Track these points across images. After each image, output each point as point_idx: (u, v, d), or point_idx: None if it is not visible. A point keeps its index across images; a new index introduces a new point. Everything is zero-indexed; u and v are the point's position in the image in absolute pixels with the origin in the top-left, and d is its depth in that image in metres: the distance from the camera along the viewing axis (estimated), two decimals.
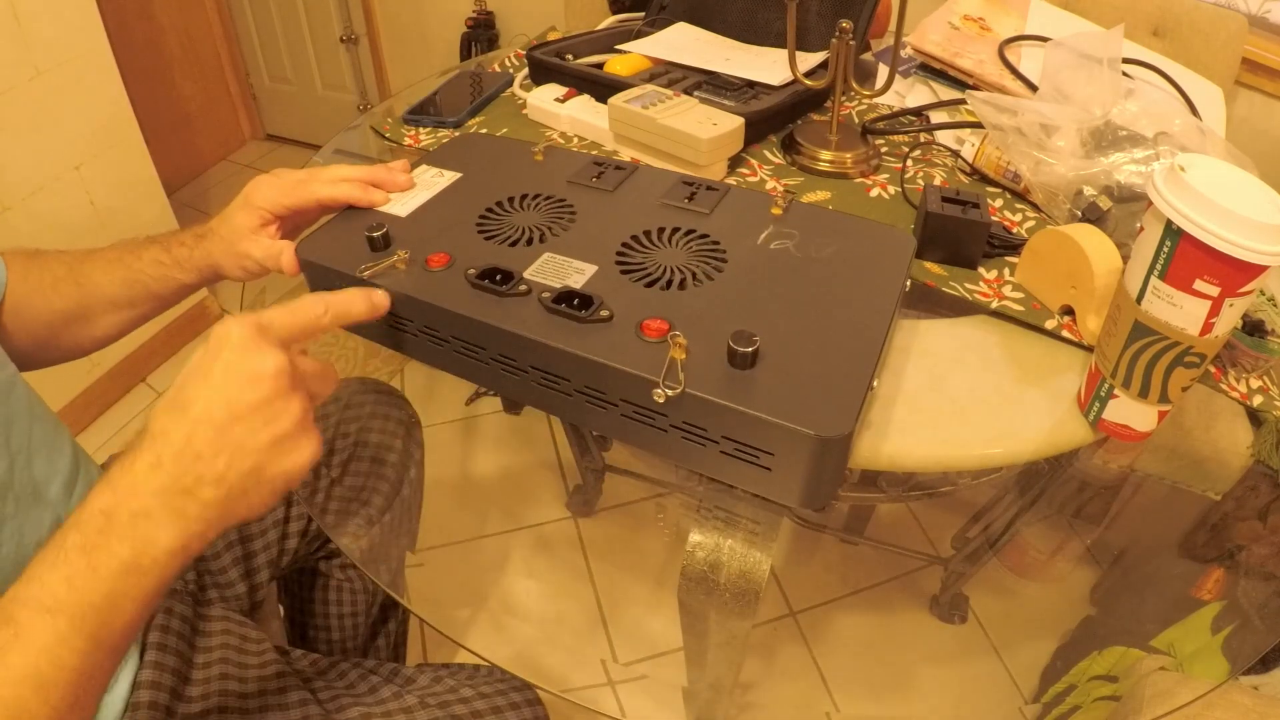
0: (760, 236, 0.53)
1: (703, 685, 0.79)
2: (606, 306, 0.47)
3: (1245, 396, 0.58)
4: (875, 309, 0.47)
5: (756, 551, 0.61)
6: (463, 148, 0.65)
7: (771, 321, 0.46)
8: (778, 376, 0.43)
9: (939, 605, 1.28)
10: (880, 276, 0.50)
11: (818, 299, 0.48)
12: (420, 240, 0.53)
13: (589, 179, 0.59)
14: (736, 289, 0.49)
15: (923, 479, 0.84)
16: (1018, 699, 1.18)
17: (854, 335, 0.46)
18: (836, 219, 0.55)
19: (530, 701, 0.64)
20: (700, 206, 0.55)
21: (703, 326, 0.46)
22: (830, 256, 0.51)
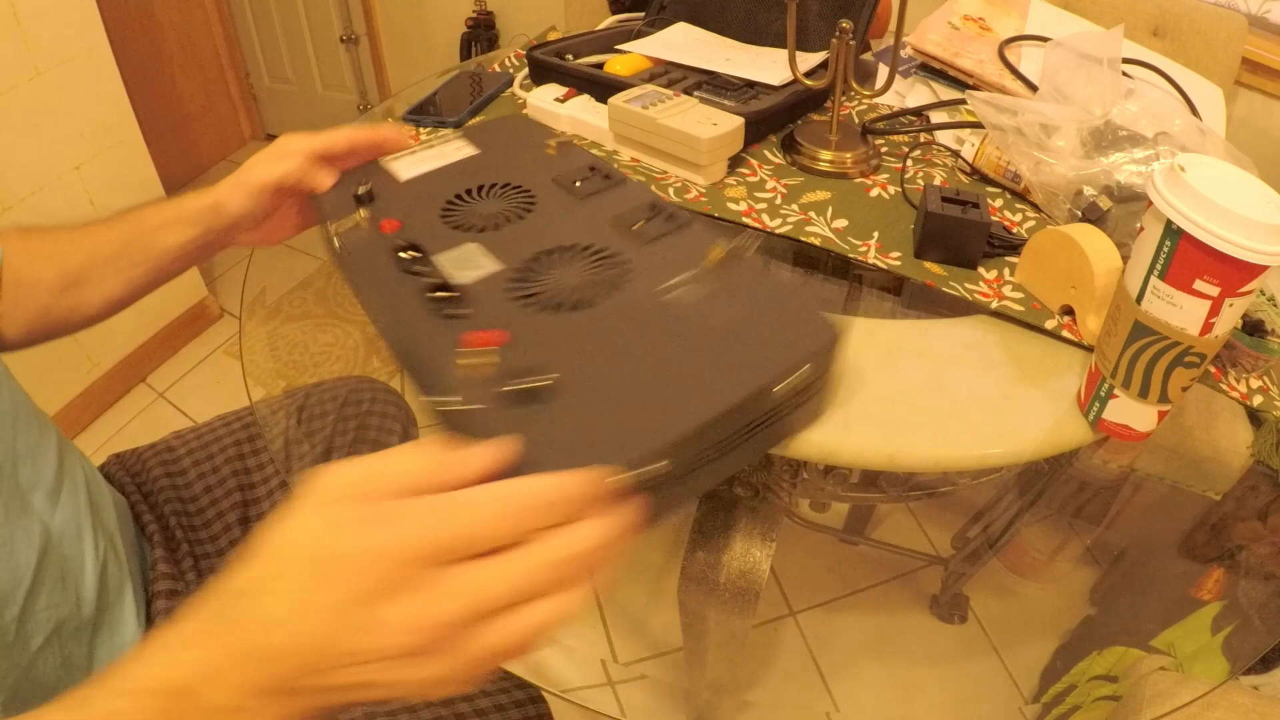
0: (670, 280, 0.47)
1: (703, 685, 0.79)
2: (469, 306, 0.45)
3: (1245, 396, 0.58)
4: (720, 392, 0.40)
5: (756, 551, 0.62)
6: (498, 129, 0.64)
7: (597, 367, 0.41)
8: (554, 419, 0.38)
9: (939, 605, 1.28)
10: (761, 363, 0.42)
11: (673, 360, 0.42)
12: (395, 204, 0.54)
13: (571, 182, 0.58)
14: (600, 325, 0.45)
15: (923, 479, 0.83)
16: (1018, 699, 1.18)
17: (667, 410, 0.39)
18: (766, 288, 0.47)
19: (534, 699, 0.64)
20: (646, 233, 0.51)
21: (533, 353, 0.41)
22: (723, 325, 0.45)
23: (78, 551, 0.54)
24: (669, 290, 0.47)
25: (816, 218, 0.70)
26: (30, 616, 0.50)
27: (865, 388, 0.55)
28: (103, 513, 0.59)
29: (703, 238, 0.51)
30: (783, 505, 0.65)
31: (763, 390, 0.40)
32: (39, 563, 0.50)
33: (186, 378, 1.73)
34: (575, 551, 0.30)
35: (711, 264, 0.48)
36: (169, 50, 2.20)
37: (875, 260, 0.66)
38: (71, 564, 0.53)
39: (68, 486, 0.55)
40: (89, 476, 0.59)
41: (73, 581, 0.53)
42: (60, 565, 0.52)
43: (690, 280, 0.48)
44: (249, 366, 0.75)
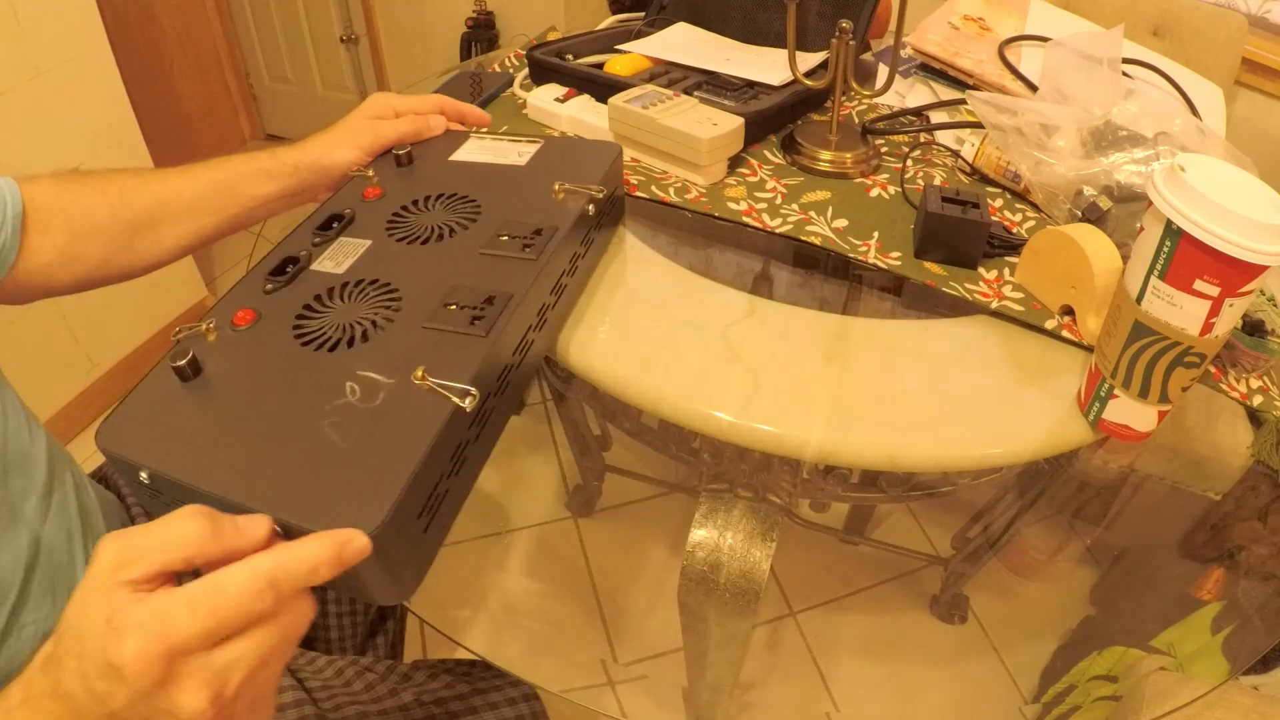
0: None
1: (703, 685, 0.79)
2: (306, 283, 0.50)
3: (1245, 396, 0.58)
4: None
5: (756, 551, 0.61)
6: (568, 149, 0.68)
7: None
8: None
9: (939, 605, 1.28)
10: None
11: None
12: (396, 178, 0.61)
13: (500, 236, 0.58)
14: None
15: (923, 479, 0.83)
16: (1018, 699, 1.18)
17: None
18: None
19: (527, 696, 0.64)
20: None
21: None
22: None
23: (68, 560, 0.53)
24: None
25: (816, 217, 0.70)
26: (16, 630, 0.49)
27: (865, 388, 0.55)
28: (94, 520, 0.58)
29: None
30: (783, 505, 0.65)
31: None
32: (26, 574, 0.49)
33: None
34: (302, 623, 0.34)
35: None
36: (169, 50, 2.20)
37: (875, 260, 0.66)
38: (62, 574, 0.52)
39: (58, 494, 0.54)
40: (79, 483, 0.58)
41: (64, 592, 0.52)
42: (50, 576, 0.51)
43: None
44: None
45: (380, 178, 0.60)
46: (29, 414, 0.55)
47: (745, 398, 0.53)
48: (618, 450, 1.42)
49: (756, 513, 0.63)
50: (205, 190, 0.60)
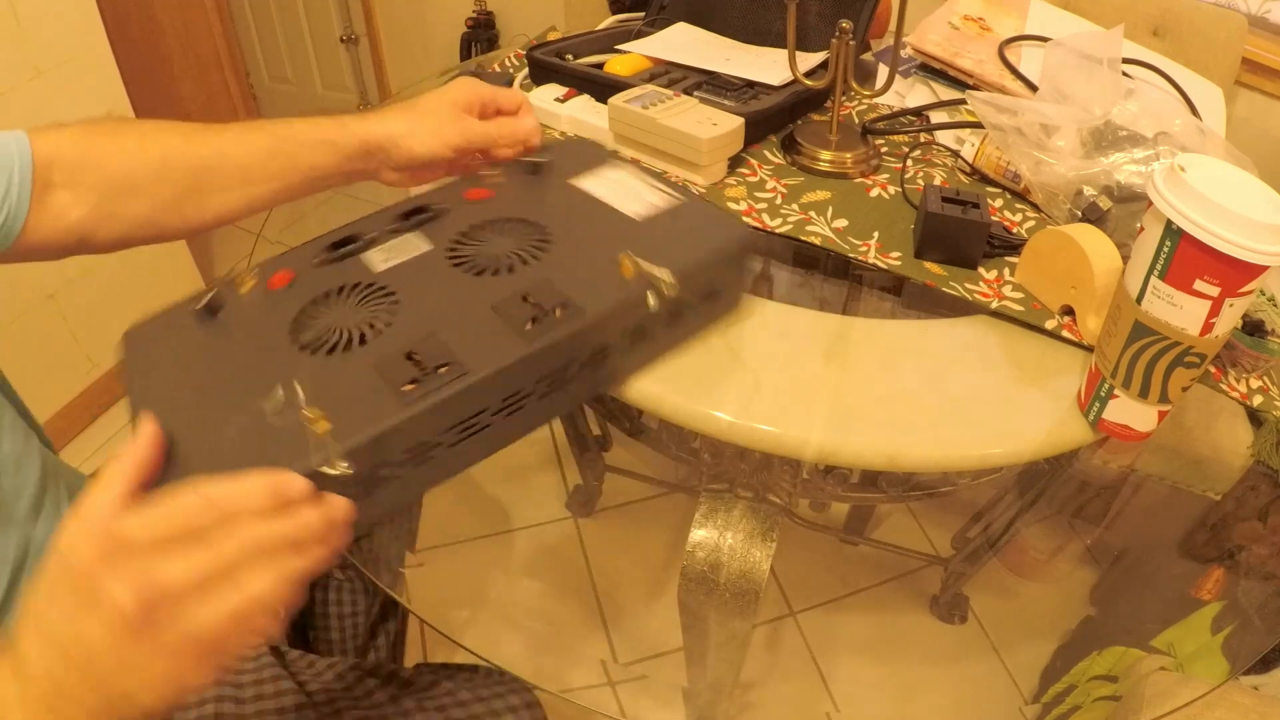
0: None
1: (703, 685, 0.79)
2: (346, 269, 0.50)
3: (1245, 396, 0.58)
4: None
5: (756, 551, 0.61)
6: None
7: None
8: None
9: (939, 605, 1.28)
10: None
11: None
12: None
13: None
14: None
15: (923, 479, 0.83)
16: (1018, 699, 1.18)
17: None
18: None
19: (529, 704, 0.64)
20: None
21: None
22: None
23: None
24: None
25: (817, 217, 0.70)
26: (3, 633, 0.49)
27: (865, 388, 0.55)
28: None
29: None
30: (783, 505, 0.65)
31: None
32: (14, 574, 0.49)
33: None
34: (271, 538, 0.34)
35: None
36: (169, 50, 2.20)
37: (875, 260, 0.66)
38: None
39: (50, 497, 0.54)
40: (72, 488, 0.58)
41: None
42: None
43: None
44: None
45: (499, 182, 0.58)
46: (25, 416, 0.55)
47: (745, 398, 0.53)
48: (618, 450, 1.42)
49: (756, 513, 0.63)
50: (261, 157, 0.55)
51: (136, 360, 0.46)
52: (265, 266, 0.50)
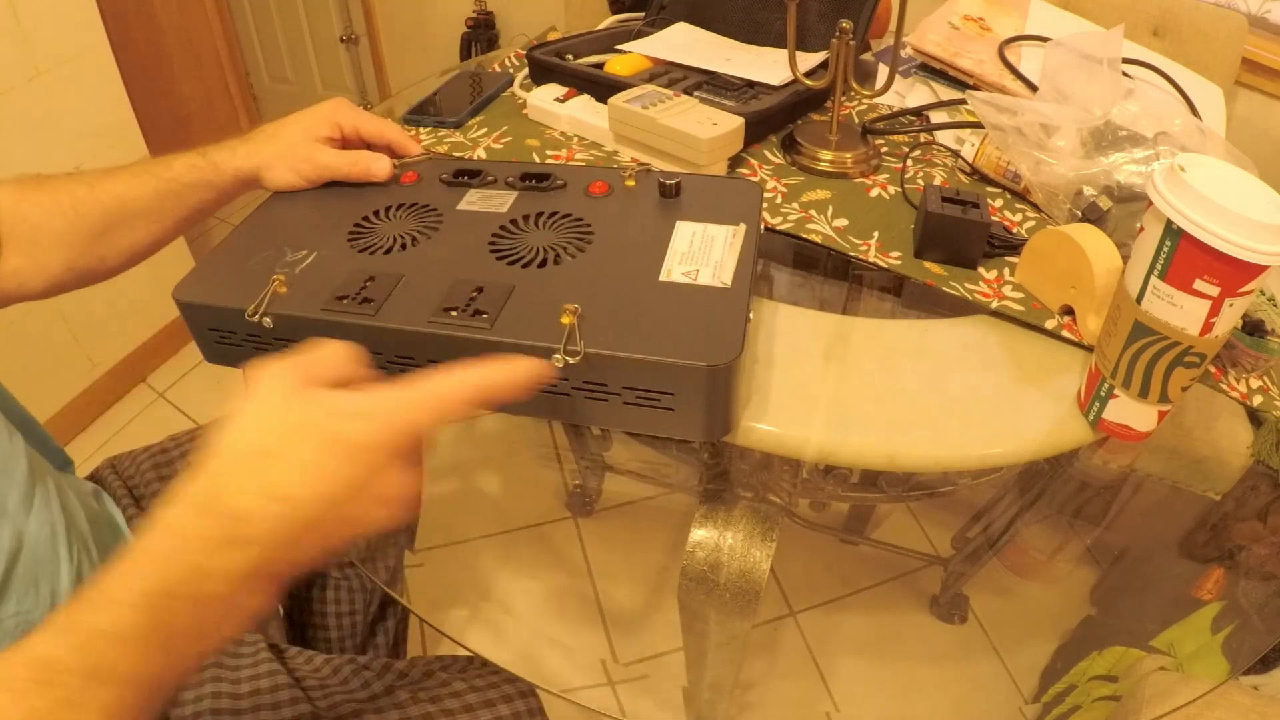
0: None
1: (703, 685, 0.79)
2: (440, 196, 0.59)
3: (1245, 396, 0.58)
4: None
5: (756, 551, 0.61)
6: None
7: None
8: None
9: (939, 605, 1.28)
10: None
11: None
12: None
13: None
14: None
15: (923, 479, 0.83)
16: (1018, 699, 1.18)
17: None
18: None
19: (523, 693, 0.64)
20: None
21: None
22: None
23: (51, 555, 0.53)
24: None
25: (817, 216, 0.70)
26: None
27: (865, 388, 0.55)
28: (77, 519, 0.58)
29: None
30: (783, 505, 0.65)
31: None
32: (8, 566, 0.50)
33: (186, 378, 1.73)
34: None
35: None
36: (169, 50, 2.20)
37: (875, 260, 0.66)
38: (45, 568, 0.53)
39: (40, 492, 0.54)
40: (59, 485, 0.58)
41: (47, 586, 0.52)
42: (34, 570, 0.52)
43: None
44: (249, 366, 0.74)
45: (626, 186, 0.60)
46: (11, 416, 0.55)
47: (745, 398, 0.53)
48: (618, 450, 1.42)
49: (756, 513, 0.63)
50: (152, 201, 0.61)
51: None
52: (407, 164, 0.64)
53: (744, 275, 0.50)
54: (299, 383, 0.35)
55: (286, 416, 0.34)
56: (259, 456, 0.34)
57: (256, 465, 0.34)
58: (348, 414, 0.34)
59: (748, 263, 0.52)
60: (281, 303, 0.50)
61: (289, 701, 0.58)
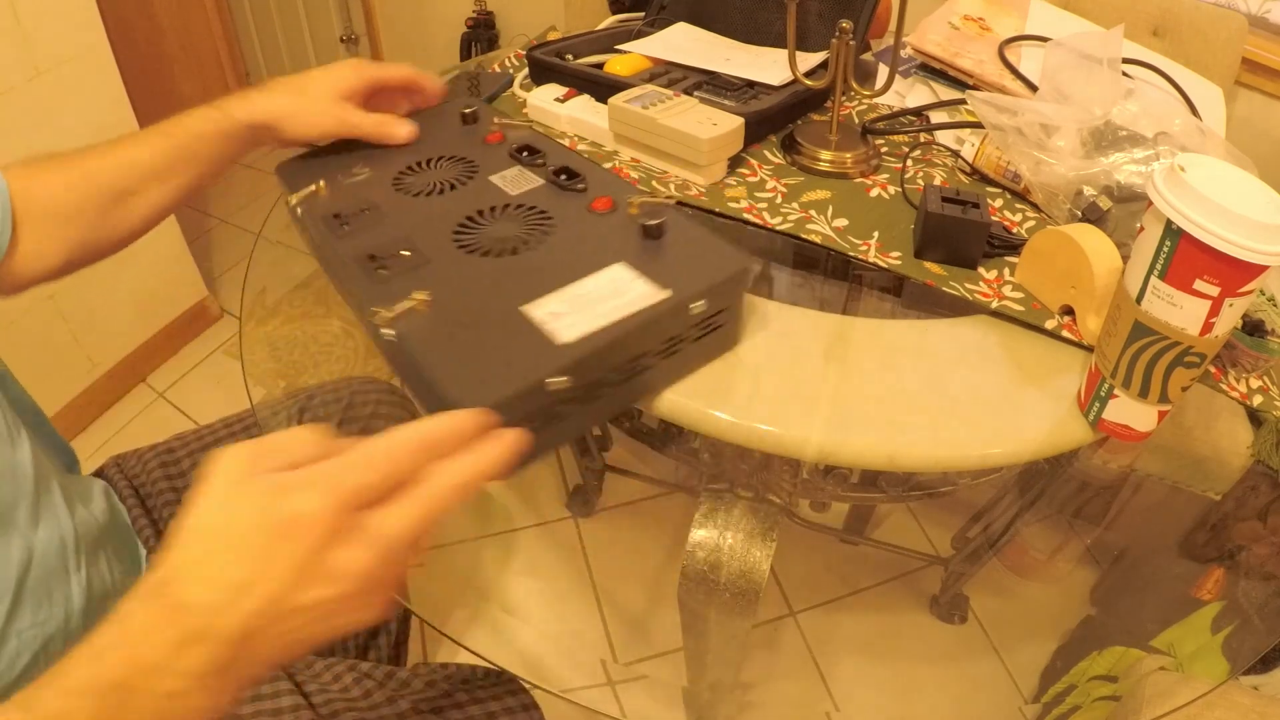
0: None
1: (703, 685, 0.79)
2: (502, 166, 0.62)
3: (1245, 396, 0.58)
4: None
5: (756, 551, 0.62)
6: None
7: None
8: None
9: (939, 605, 1.28)
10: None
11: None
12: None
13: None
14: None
15: (923, 479, 0.83)
16: (1018, 699, 1.18)
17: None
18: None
19: (525, 706, 0.64)
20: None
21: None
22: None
23: (61, 566, 0.53)
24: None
25: (817, 216, 0.70)
26: (14, 636, 0.49)
27: (865, 388, 0.55)
28: (86, 525, 0.58)
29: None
30: (783, 505, 0.65)
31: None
32: (20, 580, 0.49)
33: (187, 378, 1.73)
34: (462, 478, 0.35)
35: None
36: (169, 50, 2.21)
37: (875, 260, 0.66)
38: (56, 579, 0.52)
39: (46, 502, 0.54)
40: (65, 490, 0.58)
41: (60, 597, 0.52)
42: (45, 581, 0.51)
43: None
44: (249, 366, 0.75)
45: (646, 211, 0.57)
46: (12, 422, 0.54)
47: (745, 398, 0.53)
48: (618, 450, 1.42)
49: (756, 513, 0.63)
50: (165, 158, 0.60)
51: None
52: (503, 124, 0.67)
53: (596, 341, 0.45)
54: (248, 469, 0.33)
55: (233, 502, 0.33)
56: (208, 545, 0.32)
57: (206, 554, 0.32)
58: (288, 488, 0.32)
59: (621, 332, 0.46)
60: (312, 203, 0.58)
61: (290, 709, 0.58)
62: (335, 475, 0.33)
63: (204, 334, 1.82)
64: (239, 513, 0.32)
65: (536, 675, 0.62)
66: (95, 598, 0.55)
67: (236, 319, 1.85)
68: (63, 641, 0.52)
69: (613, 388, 0.49)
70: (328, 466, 0.33)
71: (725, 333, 0.55)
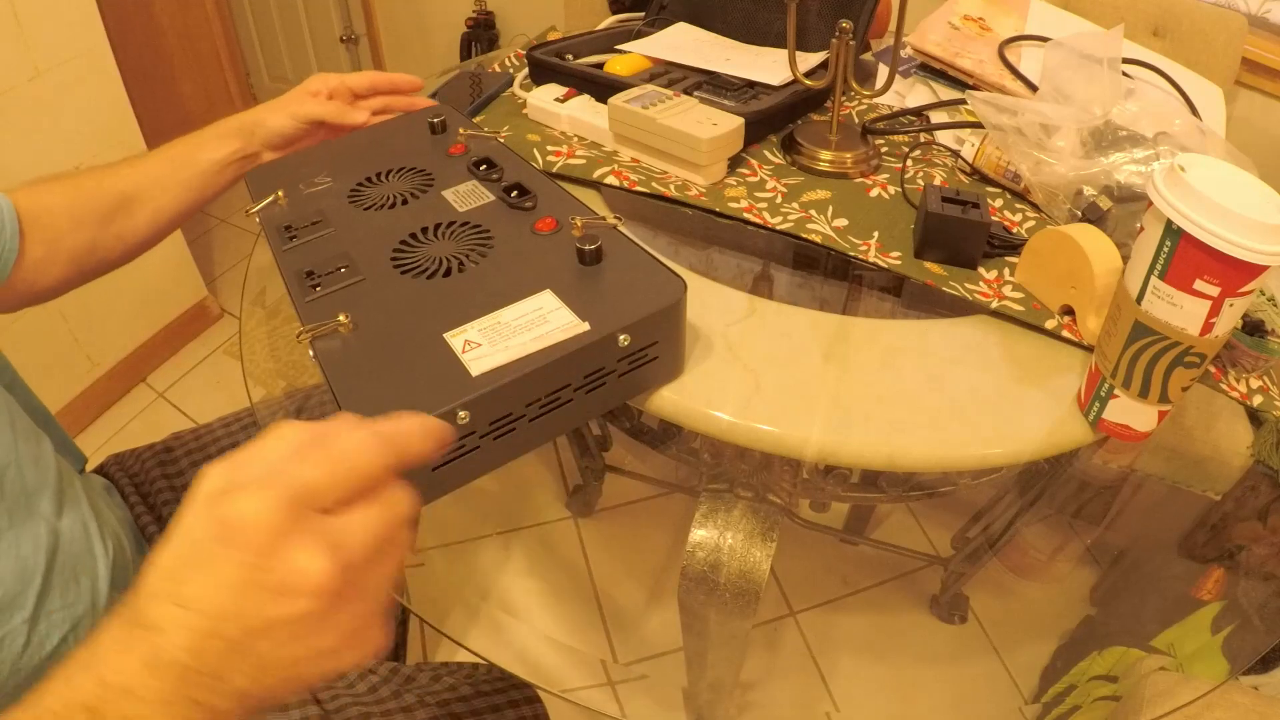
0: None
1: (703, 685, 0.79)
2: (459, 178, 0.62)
3: (1245, 396, 0.58)
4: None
5: (756, 551, 0.62)
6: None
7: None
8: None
9: (939, 605, 1.28)
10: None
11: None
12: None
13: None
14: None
15: (923, 479, 0.83)
16: (1018, 699, 1.18)
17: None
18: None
19: (529, 699, 0.64)
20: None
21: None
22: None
23: (87, 550, 0.55)
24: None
25: (817, 216, 0.70)
26: (43, 617, 0.50)
27: (865, 388, 0.55)
28: (107, 514, 0.59)
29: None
30: (783, 505, 0.65)
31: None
32: (48, 563, 0.51)
33: (186, 378, 1.73)
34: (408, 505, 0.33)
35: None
36: (169, 50, 2.20)
37: (875, 260, 0.66)
38: (83, 562, 0.54)
39: (70, 490, 0.55)
40: (86, 481, 0.60)
41: (87, 579, 0.54)
42: (72, 565, 0.53)
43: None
44: (249, 366, 0.75)
45: (589, 231, 0.55)
46: (39, 410, 0.57)
47: (745, 398, 0.53)
48: (618, 450, 1.42)
49: (756, 513, 0.63)
50: (166, 165, 0.65)
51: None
52: (469, 137, 0.66)
53: (504, 375, 0.44)
54: (223, 482, 0.31)
55: (192, 514, 0.30)
56: (172, 561, 0.30)
57: (169, 570, 0.30)
58: (232, 490, 0.30)
59: (530, 368, 0.44)
60: (270, 212, 0.59)
61: (297, 704, 0.58)
62: (282, 472, 0.30)
63: (204, 334, 1.83)
64: (195, 524, 0.30)
65: (536, 675, 0.62)
66: (120, 583, 0.57)
67: (236, 319, 1.85)
68: (91, 622, 0.53)
69: (531, 421, 0.46)
70: (277, 463, 0.30)
71: (661, 365, 0.51)
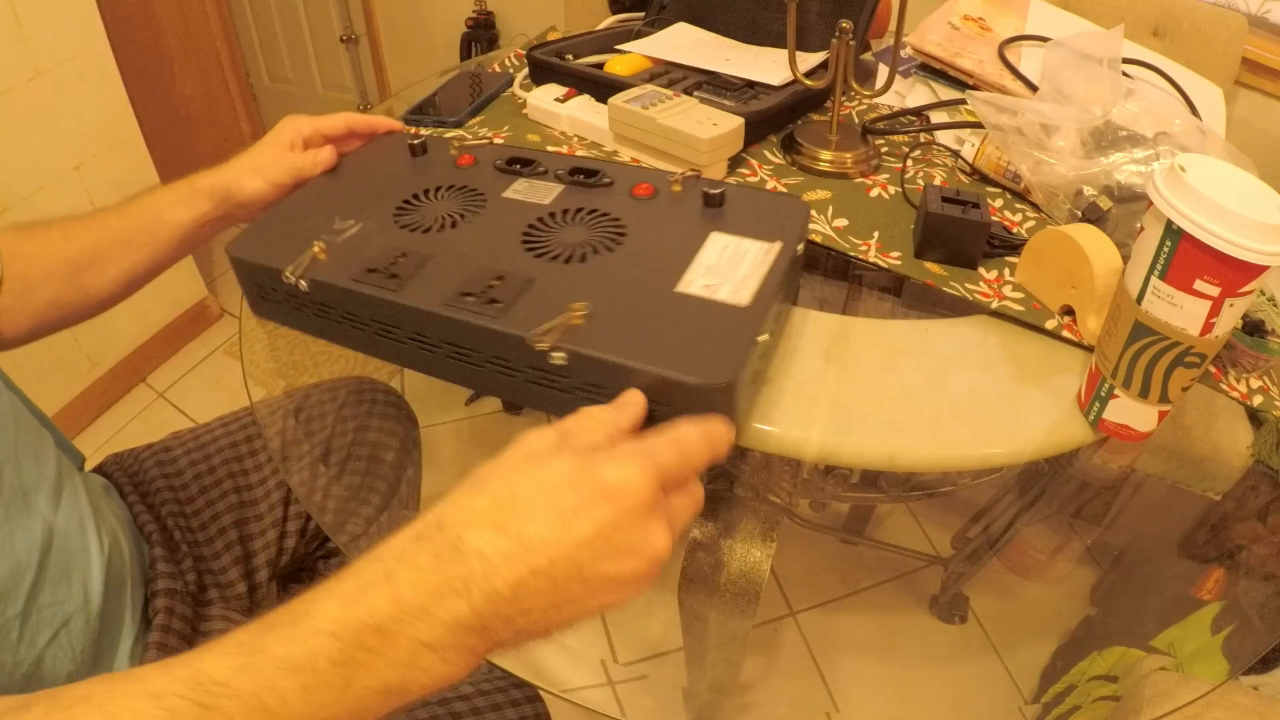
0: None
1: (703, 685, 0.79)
2: (492, 182, 0.58)
3: (1245, 396, 0.58)
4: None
5: (756, 551, 0.62)
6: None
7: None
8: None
9: (939, 605, 1.28)
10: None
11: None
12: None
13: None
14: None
15: (923, 479, 0.83)
16: (1018, 699, 1.18)
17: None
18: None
19: (530, 698, 0.64)
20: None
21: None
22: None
23: (82, 547, 0.55)
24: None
25: (817, 216, 0.70)
26: (35, 612, 0.50)
27: (865, 388, 0.55)
28: (104, 512, 0.59)
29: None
30: (783, 505, 0.65)
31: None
32: (41, 559, 0.51)
33: (186, 378, 1.73)
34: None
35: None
36: (169, 50, 2.20)
37: (875, 260, 0.66)
38: (76, 560, 0.54)
39: (68, 487, 0.56)
40: (86, 480, 0.60)
41: (79, 576, 0.53)
42: (65, 561, 0.53)
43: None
44: (249, 366, 0.75)
45: (672, 191, 0.58)
46: (36, 410, 0.57)
47: (745, 398, 0.53)
48: None
49: (756, 513, 0.63)
50: (135, 223, 0.62)
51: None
52: (465, 147, 0.65)
53: (767, 295, 0.48)
54: (556, 444, 0.35)
55: (539, 467, 0.33)
56: (501, 499, 0.32)
57: (497, 505, 0.32)
58: (605, 459, 0.33)
59: (775, 283, 0.49)
60: (318, 269, 0.52)
61: None
62: (649, 453, 0.34)
63: (204, 334, 1.83)
64: (548, 474, 0.33)
65: (537, 675, 0.62)
66: (113, 581, 0.57)
67: (236, 319, 1.85)
68: (83, 621, 0.53)
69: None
70: (638, 445, 0.34)
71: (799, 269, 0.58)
